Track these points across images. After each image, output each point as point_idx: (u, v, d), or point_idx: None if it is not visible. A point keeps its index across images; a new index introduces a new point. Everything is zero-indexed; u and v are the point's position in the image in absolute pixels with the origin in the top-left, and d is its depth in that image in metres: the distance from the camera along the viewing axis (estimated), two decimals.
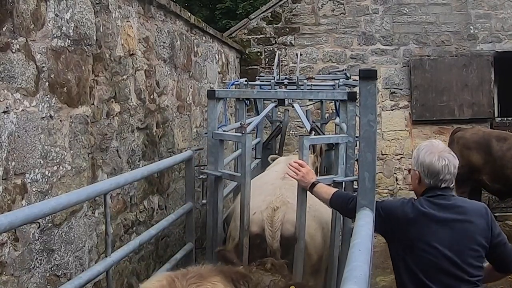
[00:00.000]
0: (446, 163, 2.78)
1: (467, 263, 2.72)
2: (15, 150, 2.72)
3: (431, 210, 2.76)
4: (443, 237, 2.72)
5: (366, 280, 1.70)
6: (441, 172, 2.78)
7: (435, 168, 2.77)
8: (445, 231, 2.73)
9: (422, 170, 2.82)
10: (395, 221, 2.78)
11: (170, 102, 5.37)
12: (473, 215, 2.80)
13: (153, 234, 3.61)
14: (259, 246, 3.57)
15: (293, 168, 3.41)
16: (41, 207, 2.32)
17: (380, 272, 6.22)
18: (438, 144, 2.91)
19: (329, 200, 3.16)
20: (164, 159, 4.53)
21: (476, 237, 2.75)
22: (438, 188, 2.80)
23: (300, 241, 3.47)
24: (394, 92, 9.84)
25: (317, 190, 3.26)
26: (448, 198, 2.82)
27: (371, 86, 2.49)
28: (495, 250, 2.82)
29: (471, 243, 2.74)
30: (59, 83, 3.16)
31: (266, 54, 9.96)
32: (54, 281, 3.07)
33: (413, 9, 9.76)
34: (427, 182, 2.82)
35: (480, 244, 2.76)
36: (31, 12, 2.86)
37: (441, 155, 2.79)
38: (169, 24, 5.35)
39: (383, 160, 9.77)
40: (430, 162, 2.78)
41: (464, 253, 2.72)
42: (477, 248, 2.75)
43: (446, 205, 2.78)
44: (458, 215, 2.78)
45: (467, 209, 2.82)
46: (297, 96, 5.53)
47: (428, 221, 2.74)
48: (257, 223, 3.62)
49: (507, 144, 7.78)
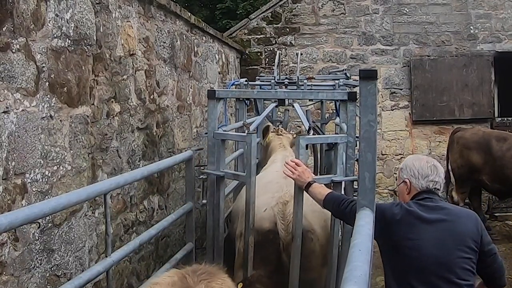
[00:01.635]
0: (434, 165, 2.92)
1: (454, 263, 2.70)
2: (15, 150, 2.72)
3: (417, 210, 2.79)
4: (429, 236, 2.72)
5: (366, 280, 1.69)
6: (431, 173, 2.88)
7: (425, 170, 2.89)
8: (431, 230, 2.74)
9: (412, 174, 2.91)
10: (384, 222, 2.78)
11: (170, 102, 5.37)
12: (462, 217, 2.82)
13: (153, 234, 3.61)
14: (272, 242, 3.66)
15: (290, 167, 3.45)
16: (41, 207, 2.32)
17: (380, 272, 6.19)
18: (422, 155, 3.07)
19: (322, 200, 3.18)
20: (164, 159, 4.52)
21: (464, 238, 2.74)
22: (427, 191, 2.87)
23: (296, 239, 3.52)
24: (394, 92, 9.84)
25: (312, 189, 3.29)
26: (435, 201, 2.86)
27: (371, 86, 2.49)
28: (485, 260, 2.81)
29: (459, 243, 2.73)
30: (59, 83, 3.16)
31: (266, 54, 9.96)
32: (54, 281, 3.07)
33: (413, 9, 9.77)
34: (417, 186, 2.89)
35: (469, 246, 2.74)
36: (31, 12, 2.86)
37: (428, 160, 2.95)
38: (169, 24, 5.35)
39: (383, 160, 9.77)
40: (419, 165, 2.91)
41: (452, 253, 2.70)
42: (465, 249, 2.73)
43: (433, 207, 2.82)
44: (446, 216, 2.79)
45: (455, 211, 2.86)
46: (297, 96, 5.52)
47: (414, 220, 2.77)
48: (269, 219, 3.70)
49: (507, 144, 7.78)
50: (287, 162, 3.53)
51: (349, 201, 3.02)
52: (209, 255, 4.07)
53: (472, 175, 8.03)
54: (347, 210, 2.96)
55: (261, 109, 6.18)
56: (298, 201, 3.50)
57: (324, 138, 5.23)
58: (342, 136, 3.90)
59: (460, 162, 8.15)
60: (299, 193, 3.48)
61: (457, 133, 8.42)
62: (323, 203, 3.20)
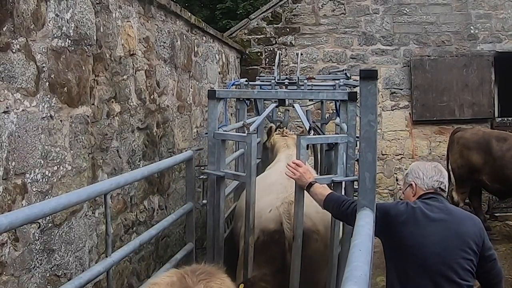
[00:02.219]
0: (438, 168, 3.01)
1: (457, 263, 2.74)
2: (15, 150, 2.72)
3: (423, 209, 2.83)
4: (433, 234, 2.76)
5: (367, 280, 1.69)
6: (435, 174, 2.96)
7: (429, 171, 2.98)
8: (435, 228, 2.78)
9: (417, 176, 2.99)
10: (389, 219, 2.82)
11: (171, 102, 5.37)
12: (465, 220, 2.87)
13: (153, 234, 3.61)
14: (278, 242, 3.71)
15: (291, 168, 3.46)
16: (42, 207, 2.32)
17: (380, 272, 6.21)
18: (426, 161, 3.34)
19: (323, 201, 3.20)
20: (164, 159, 4.52)
21: (467, 239, 2.79)
22: (433, 192, 2.94)
23: (297, 239, 3.54)
24: (394, 92, 9.84)
25: (313, 190, 3.31)
26: (441, 201, 2.91)
27: (372, 86, 2.49)
28: (485, 264, 2.85)
29: (462, 243, 2.77)
30: (59, 83, 3.16)
31: (266, 54, 9.96)
32: (54, 281, 3.07)
33: (413, 9, 9.77)
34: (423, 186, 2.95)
35: (471, 248, 2.78)
36: (31, 12, 2.86)
37: (431, 164, 3.06)
38: (170, 24, 5.35)
39: (383, 160, 9.77)
40: (424, 167, 3.01)
41: (454, 253, 2.74)
42: (467, 250, 2.77)
43: (439, 206, 2.87)
44: (450, 216, 2.84)
45: (459, 213, 2.92)
46: (298, 96, 5.52)
47: (419, 218, 2.81)
48: (274, 219, 3.75)
49: (507, 144, 7.78)
50: (288, 164, 3.55)
51: (350, 202, 3.03)
52: (209, 255, 4.07)
53: (472, 175, 8.03)
54: (348, 212, 2.97)
55: (261, 109, 6.18)
56: (299, 202, 3.51)
57: (325, 138, 5.24)
58: (343, 136, 3.90)
59: (460, 162, 8.16)
60: (300, 193, 3.49)
61: (457, 133, 8.42)
62: (323, 204, 3.21)
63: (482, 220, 8.41)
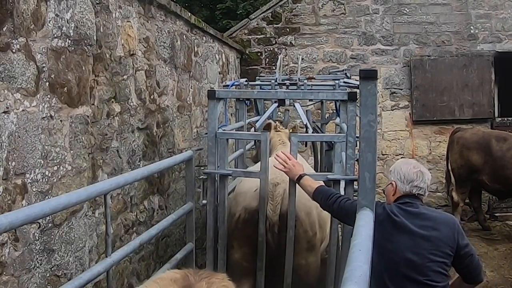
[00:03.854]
0: (420, 171, 3.00)
1: (428, 267, 2.80)
2: (15, 150, 2.72)
3: (398, 215, 2.88)
4: (405, 240, 2.82)
5: (367, 280, 1.69)
6: (416, 179, 2.97)
7: (410, 175, 2.98)
8: (407, 235, 2.83)
9: (398, 177, 3.00)
10: None
11: (171, 102, 5.37)
12: (439, 223, 2.91)
13: (154, 234, 3.61)
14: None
15: (281, 160, 3.57)
16: (42, 207, 2.32)
17: None
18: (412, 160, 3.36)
19: (312, 193, 3.30)
20: (164, 159, 4.52)
21: (439, 243, 2.84)
22: (410, 196, 2.96)
23: (289, 230, 3.65)
24: (394, 92, 9.84)
25: (303, 182, 3.43)
26: (415, 206, 2.95)
27: (372, 86, 2.49)
28: (462, 261, 2.92)
29: (433, 248, 2.82)
30: (59, 83, 3.16)
31: (266, 54, 9.96)
32: (54, 281, 3.07)
33: (413, 9, 9.77)
34: (402, 189, 2.98)
35: (444, 251, 2.84)
36: (31, 12, 2.86)
37: (415, 166, 3.05)
38: (170, 24, 5.35)
39: (383, 160, 9.77)
40: (406, 170, 3.00)
41: (425, 258, 2.80)
42: (440, 254, 2.83)
43: (412, 212, 2.91)
44: (423, 221, 2.88)
45: (433, 217, 2.94)
46: (298, 96, 5.52)
47: (393, 223, 2.86)
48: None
49: (507, 144, 7.79)
50: (277, 155, 3.66)
51: (337, 196, 3.13)
52: (209, 255, 4.08)
53: (472, 175, 8.03)
54: (335, 206, 3.08)
55: (261, 109, 6.19)
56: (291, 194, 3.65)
57: (319, 137, 5.29)
58: (340, 135, 3.96)
59: (460, 162, 8.16)
60: (292, 186, 3.62)
61: (457, 133, 8.43)
62: (312, 196, 3.31)
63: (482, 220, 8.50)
